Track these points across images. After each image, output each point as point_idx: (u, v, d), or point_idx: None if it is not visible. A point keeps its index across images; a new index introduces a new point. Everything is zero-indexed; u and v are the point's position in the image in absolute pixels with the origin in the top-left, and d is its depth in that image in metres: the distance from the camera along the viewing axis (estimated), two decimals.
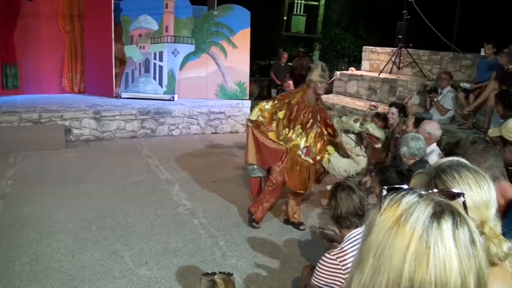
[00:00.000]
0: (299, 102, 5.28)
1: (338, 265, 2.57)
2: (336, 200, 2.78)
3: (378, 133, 5.06)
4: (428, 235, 0.87)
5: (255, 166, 5.49)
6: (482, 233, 1.26)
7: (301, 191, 5.42)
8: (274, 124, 5.30)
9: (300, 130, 5.22)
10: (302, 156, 5.21)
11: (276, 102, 5.46)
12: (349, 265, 2.54)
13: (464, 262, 0.87)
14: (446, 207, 0.91)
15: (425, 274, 0.85)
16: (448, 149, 3.27)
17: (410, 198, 0.93)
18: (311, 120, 5.24)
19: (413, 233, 0.87)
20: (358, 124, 5.03)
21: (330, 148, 5.23)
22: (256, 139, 5.35)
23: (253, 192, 5.81)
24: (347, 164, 5.11)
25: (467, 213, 0.98)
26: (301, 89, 5.54)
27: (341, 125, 5.15)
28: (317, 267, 2.66)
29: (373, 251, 0.91)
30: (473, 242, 0.89)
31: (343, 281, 2.56)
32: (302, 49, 15.13)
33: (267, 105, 5.42)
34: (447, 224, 0.88)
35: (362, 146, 5.17)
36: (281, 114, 5.30)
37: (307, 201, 6.22)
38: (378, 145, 5.24)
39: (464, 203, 1.06)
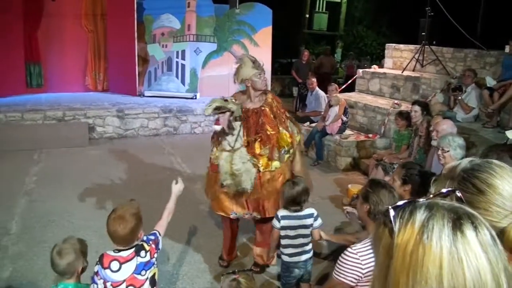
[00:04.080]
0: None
1: (358, 259, 2.59)
2: (378, 196, 2.76)
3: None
4: (457, 248, 0.84)
5: None
6: None
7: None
8: None
9: None
10: None
11: None
12: (369, 259, 2.56)
13: (495, 264, 0.85)
14: (461, 212, 0.90)
15: (464, 287, 0.83)
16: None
17: (421, 213, 0.90)
18: None
19: (441, 250, 0.85)
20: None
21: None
22: None
23: None
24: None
25: None
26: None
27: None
28: (338, 262, 2.69)
29: (403, 279, 0.87)
30: (494, 239, 0.88)
31: (361, 275, 2.58)
32: (328, 47, 14.97)
33: None
34: (469, 229, 0.86)
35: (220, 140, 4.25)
36: None
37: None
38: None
39: (460, 198, 1.05)
